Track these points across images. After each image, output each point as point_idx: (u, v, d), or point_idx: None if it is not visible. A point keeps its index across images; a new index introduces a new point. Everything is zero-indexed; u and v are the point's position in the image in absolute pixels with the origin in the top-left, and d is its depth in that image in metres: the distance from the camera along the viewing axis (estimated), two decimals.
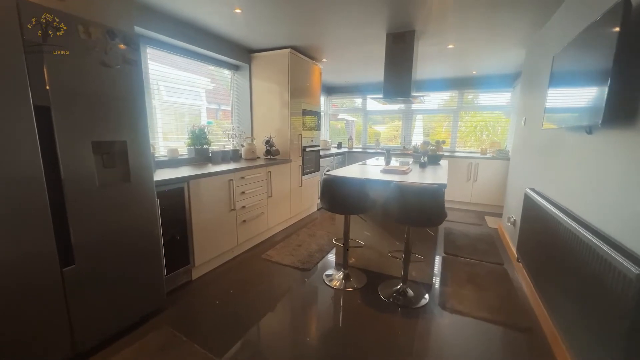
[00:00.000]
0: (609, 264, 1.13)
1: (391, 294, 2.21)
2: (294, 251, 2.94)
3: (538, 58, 2.66)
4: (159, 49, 2.76)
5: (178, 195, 2.14)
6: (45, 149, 1.32)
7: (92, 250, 1.53)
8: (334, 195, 2.15)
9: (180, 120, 3.22)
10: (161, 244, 1.95)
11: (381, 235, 2.51)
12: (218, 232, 2.52)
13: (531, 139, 2.59)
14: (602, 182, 1.40)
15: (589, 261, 1.30)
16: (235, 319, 1.92)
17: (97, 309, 1.58)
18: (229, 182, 2.60)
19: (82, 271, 1.50)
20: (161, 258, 1.92)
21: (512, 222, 2.96)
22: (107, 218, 1.58)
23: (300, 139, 3.78)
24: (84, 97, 1.45)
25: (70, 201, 1.43)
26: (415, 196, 1.84)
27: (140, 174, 1.73)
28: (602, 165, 1.41)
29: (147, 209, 1.80)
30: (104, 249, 1.59)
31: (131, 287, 1.74)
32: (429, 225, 1.98)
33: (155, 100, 2.91)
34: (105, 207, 1.57)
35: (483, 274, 2.57)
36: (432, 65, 4.20)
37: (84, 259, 1.50)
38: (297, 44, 3.38)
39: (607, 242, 1.20)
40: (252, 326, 1.86)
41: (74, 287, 1.47)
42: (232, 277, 2.45)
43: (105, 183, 1.57)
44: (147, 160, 1.77)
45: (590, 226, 1.40)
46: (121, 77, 1.59)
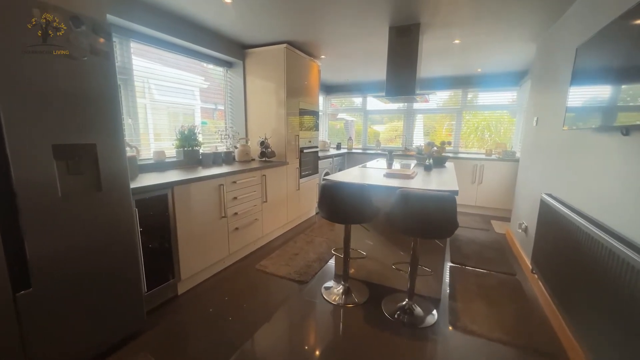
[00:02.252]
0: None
1: (396, 310, 2.01)
2: (290, 261, 2.74)
3: (554, 52, 2.47)
4: (144, 43, 2.55)
5: (161, 203, 1.93)
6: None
7: (53, 270, 1.32)
8: (333, 202, 1.95)
9: (175, 120, 3.04)
10: (140, 259, 1.74)
11: (384, 244, 2.31)
12: (207, 241, 2.32)
13: (547, 141, 2.40)
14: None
15: (627, 278, 1.11)
16: (222, 340, 1.71)
17: (60, 338, 1.38)
18: (219, 187, 2.39)
19: (41, 295, 1.29)
20: (140, 274, 1.72)
21: (524, 229, 2.77)
22: (72, 232, 1.38)
23: (297, 139, 3.58)
24: (42, 93, 1.24)
25: (25, 214, 1.22)
26: (424, 205, 1.65)
27: (114, 180, 1.53)
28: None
29: (123, 220, 1.59)
30: (69, 268, 1.38)
31: (103, 309, 1.54)
32: (438, 237, 1.78)
33: (145, 100, 2.72)
34: (70, 220, 1.37)
35: (494, 286, 2.37)
36: (435, 62, 4.00)
37: (43, 281, 1.29)
38: (293, 39, 3.18)
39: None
40: (242, 348, 1.66)
41: (30, 314, 1.26)
42: (222, 291, 2.24)
43: (70, 192, 1.36)
44: (123, 165, 1.57)
45: (627, 239, 1.21)
46: (89, 70, 1.39)
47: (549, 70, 2.56)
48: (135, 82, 2.49)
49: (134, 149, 2.39)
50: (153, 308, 1.98)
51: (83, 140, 1.40)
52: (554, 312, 1.89)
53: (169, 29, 2.56)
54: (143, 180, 1.98)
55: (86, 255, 1.44)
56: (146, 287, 1.85)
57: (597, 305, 1.36)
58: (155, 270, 1.94)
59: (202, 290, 2.25)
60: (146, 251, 1.84)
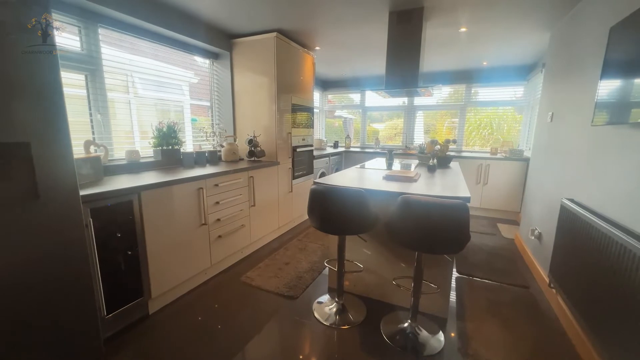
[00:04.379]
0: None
1: (397, 333, 1.75)
2: (279, 271, 2.48)
3: (576, 38, 2.20)
4: (116, 30, 2.28)
5: (125, 211, 1.66)
6: None
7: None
8: (325, 210, 1.69)
9: (166, 117, 2.80)
10: (96, 278, 1.48)
11: (384, 255, 2.05)
12: (184, 253, 2.05)
13: (567, 139, 2.13)
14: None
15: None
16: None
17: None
18: (198, 191, 2.13)
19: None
20: (95, 296, 1.46)
21: (537, 236, 2.51)
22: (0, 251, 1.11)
23: (289, 138, 3.31)
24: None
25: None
26: (430, 215, 1.38)
27: (57, 186, 1.26)
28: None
29: (71, 234, 1.33)
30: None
31: (46, 343, 1.27)
32: (447, 252, 1.52)
33: (129, 95, 2.50)
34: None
35: (507, 302, 2.12)
36: (438, 54, 3.73)
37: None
38: (284, 27, 2.91)
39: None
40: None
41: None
42: (201, 309, 1.98)
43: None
44: (68, 168, 1.30)
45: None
46: (17, 54, 1.12)
47: (568, 59, 2.29)
48: (104, 74, 2.23)
49: (102, 148, 2.13)
50: (117, 332, 1.71)
51: (12, 138, 1.13)
52: (577, 335, 1.64)
53: (144, 14, 2.28)
54: (108, 185, 1.72)
55: (21, 277, 1.17)
56: (105, 310, 1.58)
57: (635, 329, 1.11)
58: (119, 288, 1.67)
59: (178, 308, 1.99)
60: (106, 268, 1.58)
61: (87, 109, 2.18)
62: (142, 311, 1.86)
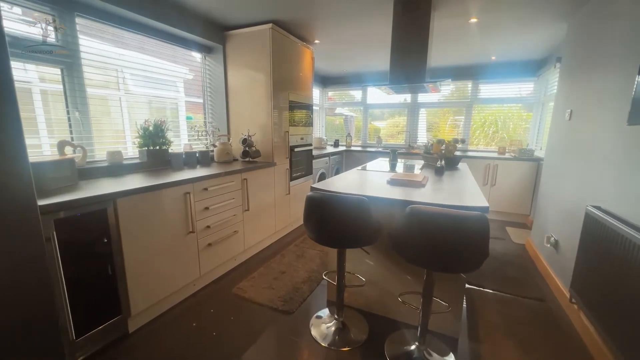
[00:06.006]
0: None
1: (403, 356, 1.57)
2: (275, 281, 2.30)
3: (602, 30, 1.99)
4: (96, 20, 2.09)
5: (98, 220, 1.48)
6: None
7: None
8: (323, 221, 1.50)
9: (161, 115, 2.67)
10: (62, 298, 1.30)
11: (388, 267, 1.86)
12: (169, 264, 1.87)
13: (592, 140, 1.93)
14: None
15: None
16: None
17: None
18: (185, 196, 1.95)
19: None
20: (60, 318, 1.28)
21: (553, 244, 2.32)
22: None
23: (287, 137, 3.12)
24: None
25: None
26: (445, 229, 1.19)
27: (6, 195, 1.08)
28: None
29: (28, 249, 1.14)
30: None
31: None
32: (462, 271, 1.33)
33: (120, 92, 2.35)
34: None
35: (522, 317, 1.93)
36: (444, 48, 3.52)
37: None
38: (280, 18, 2.71)
39: None
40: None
41: None
42: (187, 325, 1.80)
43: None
44: (23, 173, 1.11)
45: None
46: None
47: (592, 51, 2.08)
48: (83, 67, 2.04)
49: (79, 149, 1.95)
50: (92, 354, 1.54)
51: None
52: (604, 357, 1.45)
53: (126, 2, 2.08)
54: (82, 190, 1.54)
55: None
56: (74, 334, 1.40)
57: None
58: (93, 308, 1.50)
59: (162, 325, 1.81)
60: (75, 286, 1.40)
61: (64, 106, 2.00)
62: (121, 330, 1.68)
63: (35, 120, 1.97)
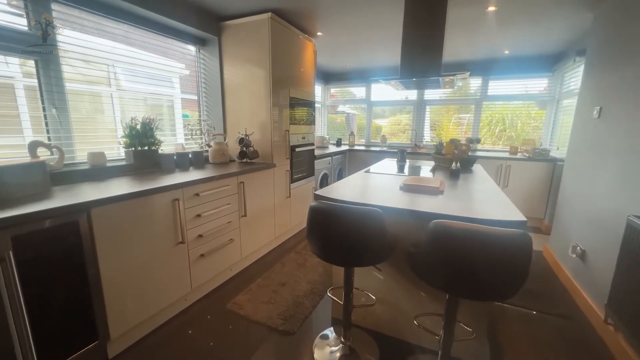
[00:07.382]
0: None
1: None
2: (274, 295, 2.10)
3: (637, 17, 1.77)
4: (75, 6, 1.87)
5: (68, 234, 1.28)
6: None
7: None
8: (329, 236, 1.29)
9: (157, 113, 2.53)
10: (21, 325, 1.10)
11: (401, 282, 1.65)
12: (155, 279, 1.67)
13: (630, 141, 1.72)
14: None
15: None
16: None
17: None
18: (174, 203, 1.74)
19: None
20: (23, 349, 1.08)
21: (580, 255, 2.11)
22: None
23: (287, 136, 2.91)
24: None
25: None
26: (481, 251, 0.98)
27: None
28: None
29: None
30: None
31: None
32: (501, 298, 1.13)
33: (111, 88, 2.17)
34: None
35: (551, 340, 1.73)
36: (456, 41, 3.29)
37: None
38: (280, 6, 2.48)
39: None
40: None
41: None
42: (174, 349, 1.60)
43: None
44: None
45: None
46: None
47: (625, 43, 1.86)
48: (61, 59, 1.83)
49: (55, 150, 1.74)
50: None
51: None
52: None
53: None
54: (53, 198, 1.33)
55: None
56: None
57: None
58: (64, 334, 1.30)
59: (147, 349, 1.61)
60: (40, 311, 1.20)
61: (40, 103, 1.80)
62: (99, 357, 1.48)
63: (19, 118, 1.78)
